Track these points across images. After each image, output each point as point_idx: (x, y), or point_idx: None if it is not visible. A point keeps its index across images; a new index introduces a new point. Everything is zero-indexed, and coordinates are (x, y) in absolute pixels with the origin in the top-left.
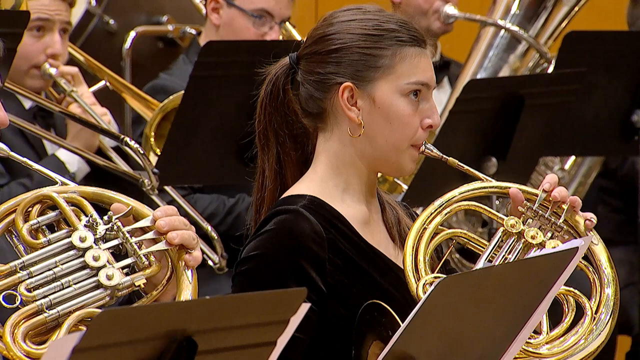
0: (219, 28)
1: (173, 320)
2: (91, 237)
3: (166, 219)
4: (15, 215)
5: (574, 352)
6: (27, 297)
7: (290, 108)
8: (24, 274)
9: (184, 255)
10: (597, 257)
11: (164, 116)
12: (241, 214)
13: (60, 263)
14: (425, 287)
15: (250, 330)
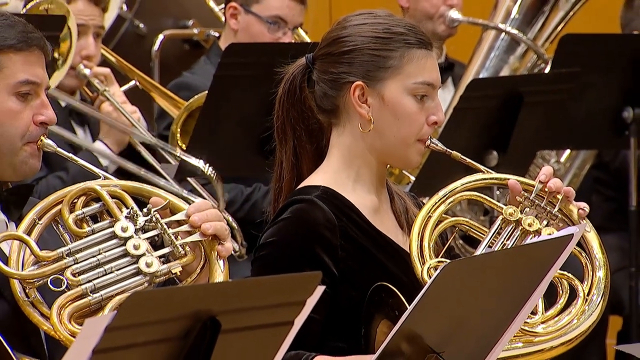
0: (237, 32)
1: (198, 302)
2: (132, 227)
3: (200, 213)
4: (61, 206)
5: (568, 331)
6: (72, 281)
7: (306, 105)
8: (70, 260)
9: (217, 246)
10: (589, 243)
11: (189, 114)
12: (258, 201)
13: (103, 251)
14: (429, 270)
15: (269, 310)
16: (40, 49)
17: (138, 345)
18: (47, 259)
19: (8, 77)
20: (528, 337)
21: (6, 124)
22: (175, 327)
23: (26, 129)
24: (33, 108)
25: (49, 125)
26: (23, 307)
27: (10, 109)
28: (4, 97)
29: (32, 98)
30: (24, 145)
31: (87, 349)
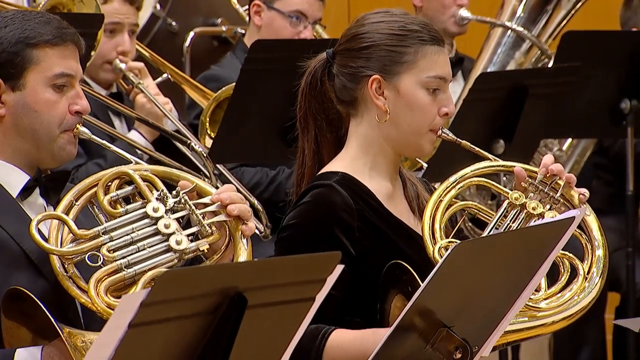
0: (261, 28)
1: (226, 279)
2: (162, 208)
3: (226, 194)
4: (97, 188)
5: (569, 307)
6: (108, 257)
7: (326, 96)
8: (106, 237)
9: (241, 225)
10: (589, 226)
11: (217, 104)
12: (282, 182)
13: (136, 229)
14: (440, 250)
15: (292, 287)
16: (74, 44)
17: (170, 320)
18: (85, 237)
19: (45, 70)
20: (532, 312)
21: (44, 113)
22: (205, 303)
23: (63, 118)
24: (68, 98)
25: (83, 114)
26: (62, 281)
27: (47, 99)
28: (42, 89)
29: (68, 89)
30: (61, 133)
31: (123, 323)
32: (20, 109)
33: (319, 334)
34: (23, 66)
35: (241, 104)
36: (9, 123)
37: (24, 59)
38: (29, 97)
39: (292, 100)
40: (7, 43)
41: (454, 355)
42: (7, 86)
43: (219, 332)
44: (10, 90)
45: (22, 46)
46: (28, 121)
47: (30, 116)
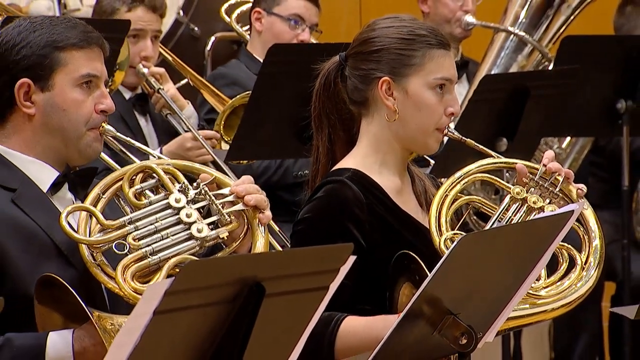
0: (262, 33)
1: (245, 269)
2: (184, 199)
3: (243, 185)
4: (122, 182)
5: (567, 295)
6: (134, 245)
7: (339, 97)
8: (131, 227)
9: (258, 214)
10: (586, 219)
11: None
12: (288, 166)
13: (160, 219)
14: (446, 242)
15: (308, 277)
16: (99, 47)
17: (193, 307)
18: (111, 227)
19: (72, 72)
20: (533, 299)
21: (71, 112)
22: (225, 292)
23: (89, 116)
24: (94, 98)
25: (108, 113)
26: (91, 268)
27: (74, 98)
28: (69, 89)
29: (93, 89)
30: (88, 130)
31: (149, 310)
32: (49, 108)
33: (332, 321)
34: (51, 68)
35: (259, 104)
36: (38, 122)
37: (52, 61)
38: (57, 97)
39: (307, 101)
40: (36, 46)
41: (460, 341)
42: (36, 87)
43: (239, 319)
44: (39, 91)
45: (50, 49)
46: (56, 120)
47: (58, 115)
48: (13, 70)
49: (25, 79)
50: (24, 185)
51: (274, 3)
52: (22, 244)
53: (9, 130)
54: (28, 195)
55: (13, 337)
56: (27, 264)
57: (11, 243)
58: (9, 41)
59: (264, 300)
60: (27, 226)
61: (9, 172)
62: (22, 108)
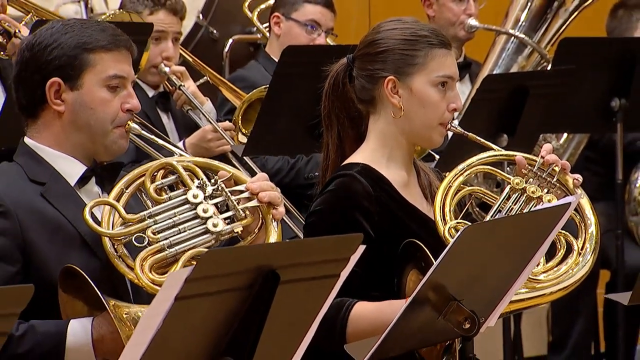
0: (280, 37)
1: (261, 258)
2: (201, 195)
3: (258, 183)
4: (144, 178)
5: (565, 279)
6: (152, 238)
7: (348, 96)
8: (151, 221)
9: (272, 210)
10: (582, 207)
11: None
12: (300, 168)
13: (178, 214)
14: (450, 230)
15: (320, 265)
16: (127, 49)
17: (211, 294)
18: (132, 221)
19: (100, 72)
20: (532, 284)
21: (99, 110)
22: (242, 279)
23: (115, 115)
24: (121, 98)
25: (134, 112)
26: (112, 260)
27: (102, 98)
28: (97, 89)
29: (120, 89)
30: (114, 128)
31: (170, 296)
32: (77, 106)
33: (343, 306)
34: (81, 68)
35: (274, 103)
36: (67, 119)
37: (81, 62)
38: (85, 96)
39: (318, 100)
40: (67, 48)
41: (464, 326)
42: (66, 86)
43: (255, 305)
44: (69, 90)
45: (80, 50)
46: (84, 117)
47: (86, 113)
48: (45, 70)
49: (56, 78)
50: (52, 180)
51: (292, 9)
52: (49, 235)
53: (40, 126)
54: (56, 189)
55: (36, 324)
56: (53, 254)
57: (39, 234)
58: (42, 42)
59: (279, 287)
60: (55, 218)
61: (39, 166)
62: (52, 106)
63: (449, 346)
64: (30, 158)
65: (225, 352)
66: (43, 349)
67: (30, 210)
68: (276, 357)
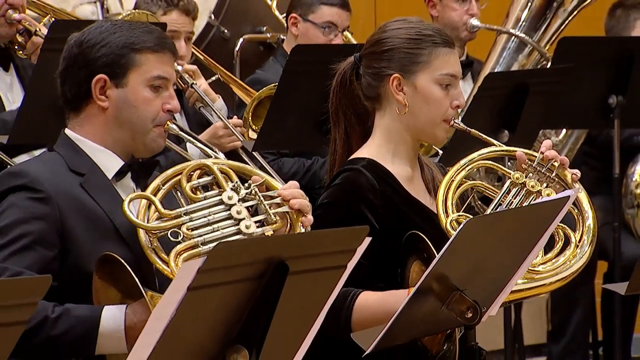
0: (297, 37)
1: (271, 249)
2: (235, 197)
3: (290, 190)
4: (181, 176)
5: (563, 270)
6: (187, 235)
7: (354, 94)
8: (186, 218)
9: (301, 217)
10: (580, 201)
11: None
12: (316, 171)
13: (212, 213)
14: (452, 222)
15: (327, 256)
16: (171, 52)
17: (223, 284)
18: (168, 216)
19: (145, 72)
20: (532, 274)
21: (141, 109)
22: (253, 270)
23: (156, 114)
24: (162, 98)
25: (174, 113)
26: (146, 252)
27: (145, 97)
28: (141, 88)
29: (162, 90)
30: (154, 127)
31: (183, 286)
32: (121, 103)
33: (349, 296)
34: (127, 67)
35: (283, 100)
36: (111, 115)
37: (128, 61)
38: (129, 94)
39: (326, 97)
40: (115, 47)
41: (466, 315)
42: (112, 83)
43: (265, 295)
44: (114, 87)
45: (128, 50)
46: (127, 114)
47: (129, 110)
48: (92, 66)
49: (103, 75)
50: (91, 171)
51: (309, 10)
52: (86, 224)
53: (82, 119)
54: (95, 181)
55: (71, 308)
56: (89, 242)
57: (76, 223)
58: (90, 39)
59: (288, 278)
60: (92, 209)
61: (79, 158)
62: (97, 101)
63: (450, 334)
64: (71, 149)
65: (236, 340)
66: (77, 332)
67: (70, 199)
68: (285, 345)
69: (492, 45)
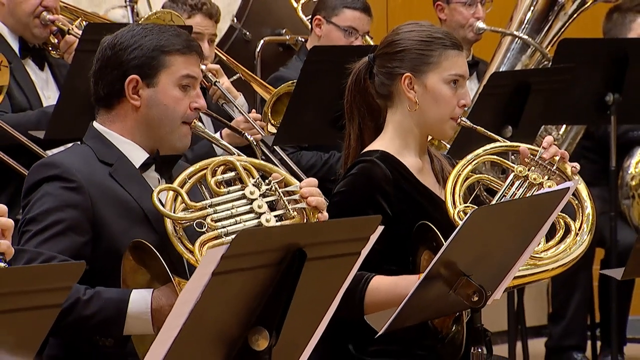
0: (320, 38)
1: (290, 237)
2: (257, 192)
3: (308, 188)
4: (206, 171)
5: (564, 257)
6: (211, 226)
7: (368, 92)
8: (211, 210)
9: (317, 214)
10: (580, 192)
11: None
12: (332, 164)
13: (235, 207)
14: (459, 213)
15: (343, 243)
16: (198, 54)
17: (245, 270)
18: (194, 208)
19: (174, 73)
20: (534, 261)
21: (170, 107)
22: (272, 256)
23: (184, 112)
24: (190, 97)
25: (201, 111)
26: (172, 240)
27: (174, 96)
28: (171, 87)
29: (190, 90)
30: (181, 124)
31: (208, 272)
32: (152, 102)
33: (362, 279)
34: (157, 68)
35: (301, 97)
36: (142, 113)
37: (158, 62)
38: (159, 94)
39: (341, 94)
40: (146, 49)
41: (472, 299)
42: (143, 83)
43: (284, 280)
44: (145, 87)
45: (158, 52)
46: (157, 112)
47: (159, 108)
48: (125, 67)
49: (135, 76)
50: (119, 161)
51: (332, 13)
52: (117, 211)
53: (113, 116)
54: (123, 170)
55: (102, 290)
56: (120, 228)
57: (108, 210)
58: (123, 42)
59: (306, 264)
60: (122, 196)
61: (107, 149)
62: (129, 100)
63: (458, 317)
64: (99, 141)
65: (257, 322)
66: (106, 313)
67: (100, 188)
68: (303, 326)
69: (497, 47)
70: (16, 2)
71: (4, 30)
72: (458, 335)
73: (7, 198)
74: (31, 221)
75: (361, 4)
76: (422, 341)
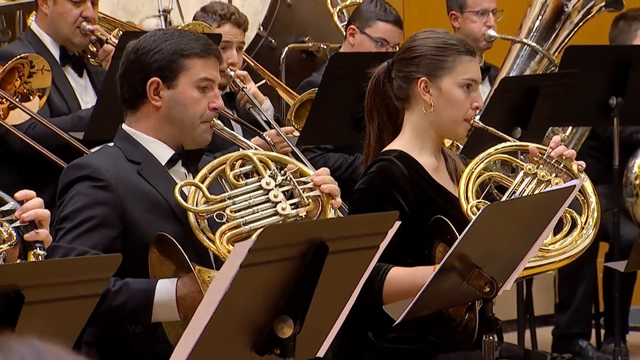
0: (353, 46)
1: (313, 232)
2: (273, 183)
3: (321, 176)
4: (225, 166)
5: (570, 249)
6: (230, 216)
7: (387, 94)
8: (230, 202)
9: (331, 200)
10: (585, 189)
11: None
12: (357, 166)
13: (253, 197)
14: (472, 208)
15: (363, 238)
16: (216, 57)
17: (270, 262)
18: (214, 200)
19: (193, 75)
20: (543, 253)
21: (189, 107)
22: (296, 250)
23: (203, 112)
24: (209, 98)
25: (219, 110)
26: (195, 232)
27: (193, 97)
28: (190, 89)
29: (208, 91)
30: (201, 123)
31: (236, 264)
32: (172, 102)
33: (381, 270)
34: (177, 71)
35: (324, 100)
36: (163, 113)
37: (178, 65)
38: (179, 95)
39: (362, 98)
40: (167, 53)
41: (484, 289)
42: (164, 85)
43: (307, 272)
44: (166, 88)
45: (178, 56)
46: (177, 112)
47: (179, 109)
48: (146, 70)
49: (156, 78)
50: (147, 160)
51: (366, 24)
52: (145, 206)
53: (138, 117)
54: (150, 168)
55: (130, 281)
56: (148, 223)
57: (136, 206)
58: (145, 46)
59: (328, 257)
60: (149, 192)
61: (135, 149)
62: (151, 101)
63: (471, 306)
64: (128, 142)
65: (282, 311)
66: (135, 303)
67: (129, 186)
68: (325, 315)
69: (507, 53)
70: (58, 13)
71: (46, 39)
72: (471, 323)
73: (49, 196)
74: (64, 219)
75: (394, 17)
76: (437, 329)
